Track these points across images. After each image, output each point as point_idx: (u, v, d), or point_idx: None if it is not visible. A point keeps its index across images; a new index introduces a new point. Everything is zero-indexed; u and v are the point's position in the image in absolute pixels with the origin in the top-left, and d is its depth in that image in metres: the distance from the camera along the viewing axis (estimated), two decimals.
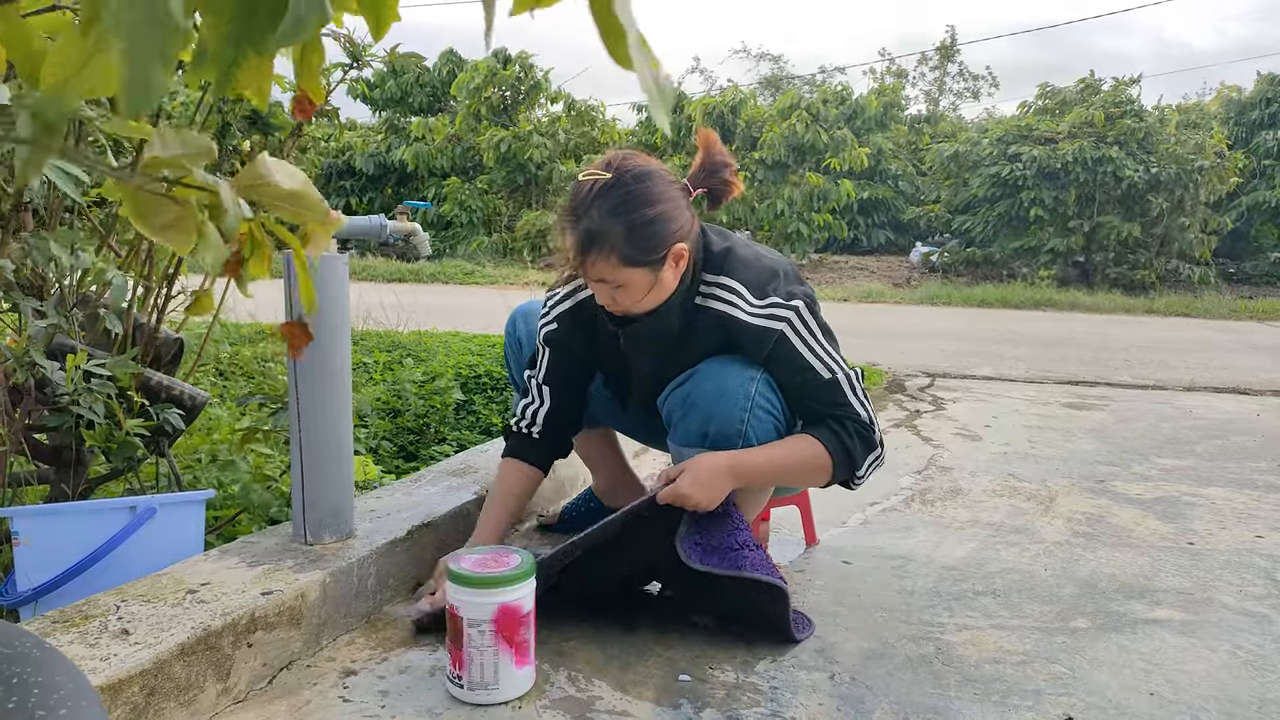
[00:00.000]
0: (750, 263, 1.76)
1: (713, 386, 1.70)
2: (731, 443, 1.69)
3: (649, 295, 1.69)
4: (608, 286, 1.67)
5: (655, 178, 1.66)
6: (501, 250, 16.15)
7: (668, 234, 1.63)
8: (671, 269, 1.67)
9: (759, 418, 1.70)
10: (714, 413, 1.69)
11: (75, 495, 1.92)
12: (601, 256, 1.62)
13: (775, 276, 1.74)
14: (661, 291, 1.70)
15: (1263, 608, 1.89)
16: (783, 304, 1.70)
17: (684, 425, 1.74)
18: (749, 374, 1.71)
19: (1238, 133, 16.23)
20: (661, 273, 1.66)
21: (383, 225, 2.00)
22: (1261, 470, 3.13)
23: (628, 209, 1.60)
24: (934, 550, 2.20)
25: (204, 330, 2.64)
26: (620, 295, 1.68)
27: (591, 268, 1.65)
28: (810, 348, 1.71)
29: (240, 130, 2.12)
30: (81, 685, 0.67)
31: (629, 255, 1.61)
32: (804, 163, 15.88)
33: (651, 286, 1.67)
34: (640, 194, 1.62)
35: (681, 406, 1.74)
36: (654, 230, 1.62)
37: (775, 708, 1.42)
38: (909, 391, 4.68)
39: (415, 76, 18.30)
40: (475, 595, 1.38)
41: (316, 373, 1.66)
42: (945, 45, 28.75)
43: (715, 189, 1.77)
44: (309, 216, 0.66)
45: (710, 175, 1.77)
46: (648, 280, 1.66)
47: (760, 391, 1.70)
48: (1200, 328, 9.51)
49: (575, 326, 1.90)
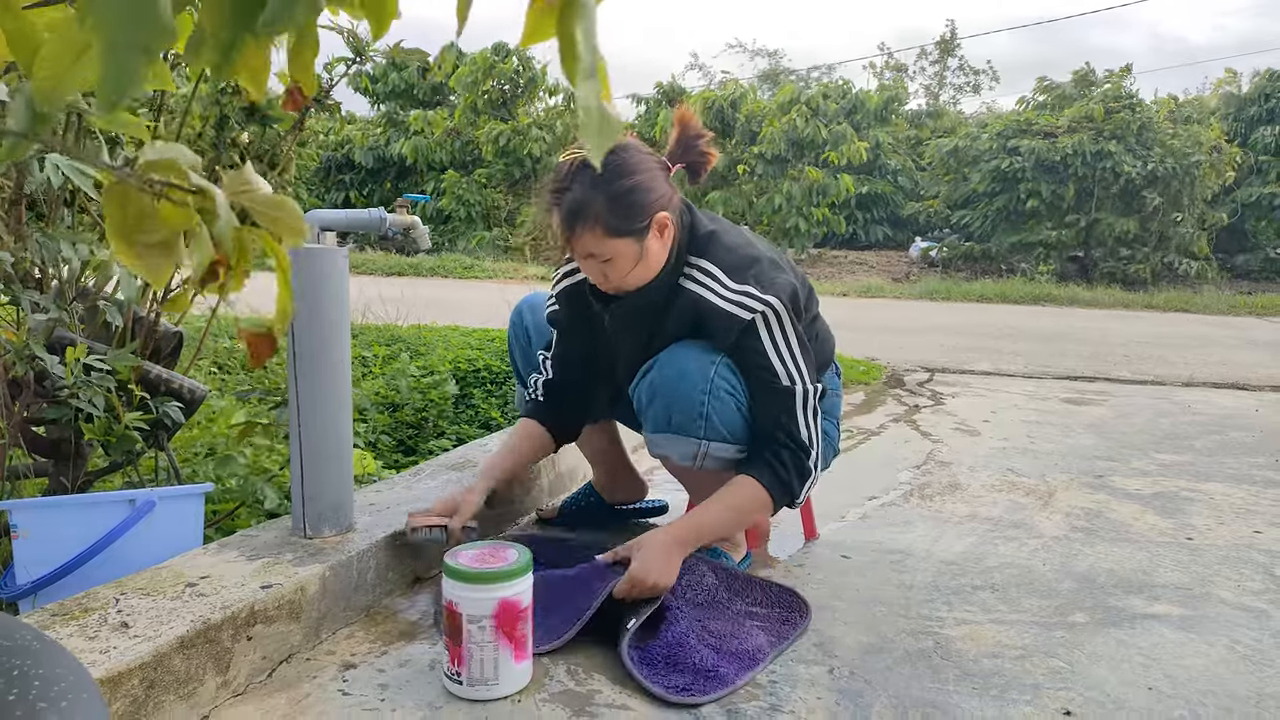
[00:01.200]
0: (733, 248, 1.78)
1: (673, 372, 1.72)
2: (695, 425, 1.70)
3: (637, 268, 1.72)
4: (596, 261, 1.71)
5: (630, 149, 1.70)
6: (501, 245, 16.14)
7: (648, 202, 1.67)
8: (657, 239, 1.71)
9: (720, 399, 1.71)
10: (675, 397, 1.71)
11: (74, 488, 1.92)
12: (587, 229, 1.66)
13: (756, 263, 1.75)
14: (649, 264, 1.73)
15: (1261, 603, 1.89)
16: (758, 295, 1.70)
17: (650, 412, 1.76)
18: (709, 358, 1.72)
19: (1236, 128, 16.23)
20: (647, 243, 1.70)
21: (382, 219, 2.00)
22: (1260, 465, 3.13)
23: (607, 180, 1.64)
24: (933, 545, 2.20)
25: (203, 324, 2.64)
26: (609, 269, 1.71)
27: (579, 242, 1.68)
28: (776, 347, 1.72)
29: (238, 122, 2.11)
30: (82, 677, 0.67)
31: (613, 225, 1.65)
32: (803, 157, 15.88)
33: (638, 259, 1.70)
34: (618, 165, 1.66)
35: (647, 394, 1.76)
36: (634, 199, 1.66)
37: (774, 701, 1.42)
38: (908, 386, 4.68)
39: (420, 70, 18.27)
40: (475, 591, 1.38)
41: (316, 367, 1.66)
42: (945, 40, 28.74)
43: (693, 162, 1.81)
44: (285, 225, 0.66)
45: (687, 150, 1.80)
46: (634, 251, 1.69)
47: (720, 374, 1.71)
48: (1199, 323, 9.51)
49: (573, 306, 1.94)
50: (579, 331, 1.96)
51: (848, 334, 2.13)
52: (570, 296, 1.94)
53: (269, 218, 0.66)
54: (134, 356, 1.86)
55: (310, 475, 1.69)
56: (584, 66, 0.50)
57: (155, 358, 2.09)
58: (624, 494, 2.29)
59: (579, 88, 0.50)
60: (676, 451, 1.76)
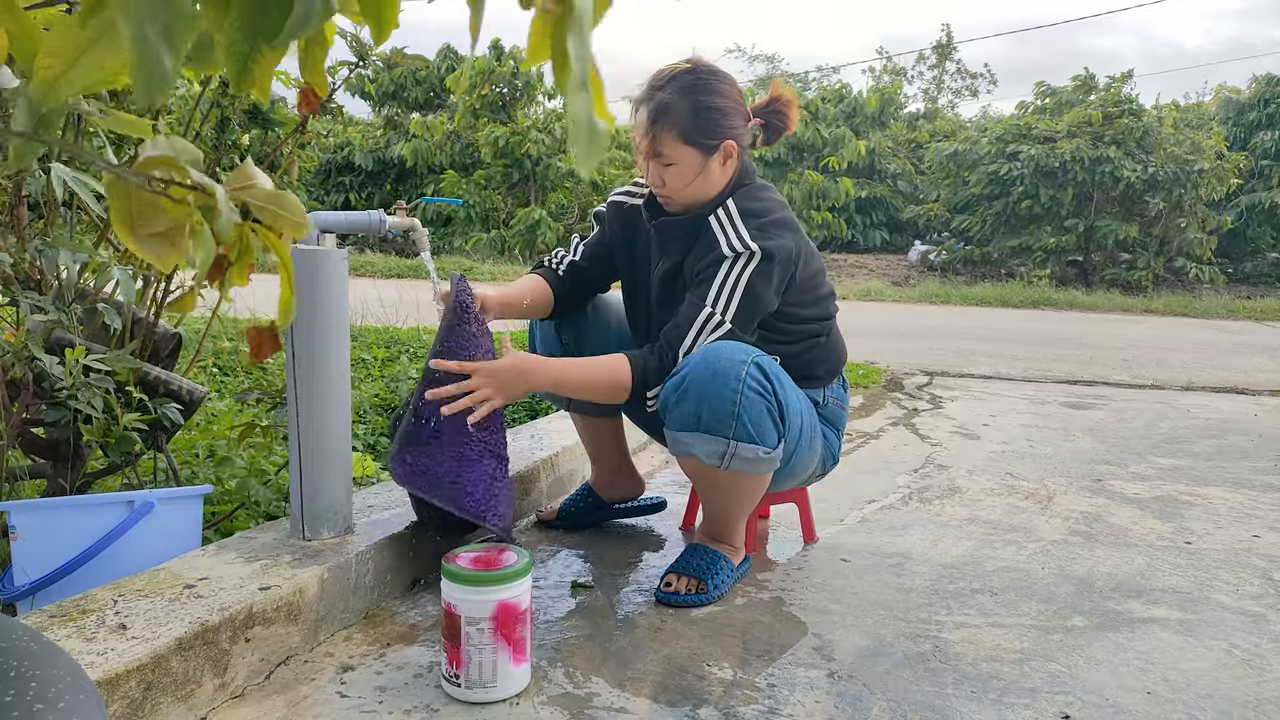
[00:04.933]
0: (761, 198, 1.88)
1: (706, 371, 1.71)
2: (725, 425, 1.70)
3: (695, 183, 1.85)
4: (661, 164, 1.83)
5: (727, 79, 1.87)
6: (499, 247, 16.13)
7: (725, 125, 1.83)
8: (720, 164, 1.85)
9: (751, 400, 1.71)
10: (706, 395, 1.70)
11: (72, 490, 1.91)
12: (665, 128, 1.80)
13: (767, 214, 1.85)
14: (706, 183, 1.86)
15: (1259, 607, 1.89)
16: (748, 242, 1.79)
17: (679, 410, 1.75)
18: (740, 357, 1.72)
19: (1236, 133, 16.24)
20: (710, 163, 1.83)
21: (381, 221, 1.99)
22: (1259, 470, 3.13)
23: (696, 92, 1.81)
24: (932, 548, 2.20)
25: (202, 325, 2.64)
26: (670, 175, 1.84)
27: (654, 139, 1.81)
28: (725, 280, 1.79)
29: (239, 125, 2.11)
30: (79, 679, 0.67)
31: (688, 133, 1.80)
32: (803, 161, 15.88)
33: (698, 173, 1.84)
34: (711, 84, 1.83)
35: (676, 392, 1.75)
36: (714, 117, 1.81)
37: (773, 705, 1.42)
38: (907, 390, 4.68)
39: (412, 73, 18.28)
40: (474, 593, 1.38)
41: (315, 368, 1.66)
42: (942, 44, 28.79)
43: (772, 122, 1.96)
44: (287, 221, 0.66)
45: (771, 112, 1.95)
46: (697, 164, 1.83)
47: (751, 373, 1.71)
48: (1198, 328, 9.52)
49: (618, 218, 2.08)
50: (611, 239, 2.08)
51: (847, 337, 2.13)
52: (620, 209, 2.07)
53: (270, 213, 0.66)
54: (133, 358, 1.86)
55: (309, 477, 1.68)
56: (575, 78, 0.50)
57: (154, 359, 2.09)
58: (621, 491, 2.29)
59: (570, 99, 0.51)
60: (703, 450, 1.74)
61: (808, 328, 1.95)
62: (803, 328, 1.94)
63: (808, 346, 1.96)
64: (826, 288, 1.99)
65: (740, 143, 1.86)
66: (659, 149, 1.82)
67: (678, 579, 1.83)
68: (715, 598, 1.83)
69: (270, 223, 0.66)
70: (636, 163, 1.91)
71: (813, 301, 1.94)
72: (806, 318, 1.93)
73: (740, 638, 1.67)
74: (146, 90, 0.43)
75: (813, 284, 1.93)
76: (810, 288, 1.92)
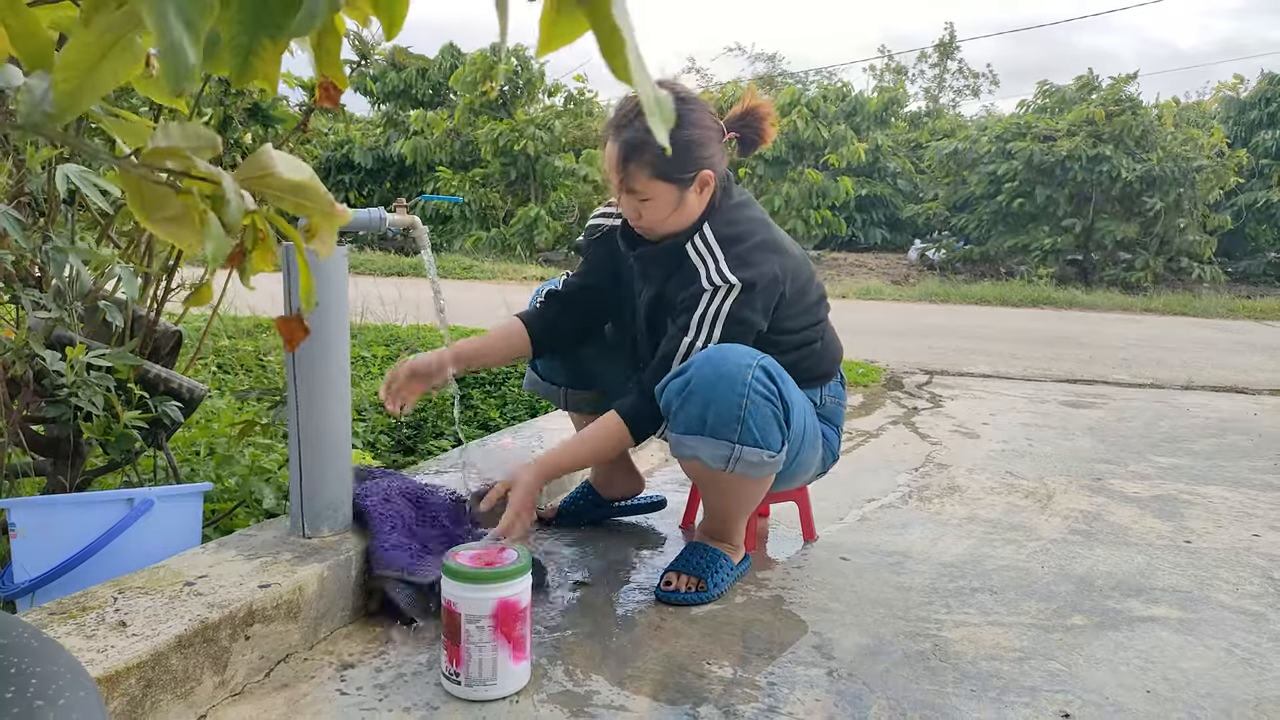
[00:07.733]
0: (737, 221, 1.86)
1: (711, 373, 1.70)
2: (730, 428, 1.69)
3: (671, 216, 1.82)
4: (636, 199, 1.81)
5: (698, 105, 1.82)
6: (499, 245, 16.12)
7: (700, 156, 1.80)
8: (696, 195, 1.82)
9: (757, 403, 1.70)
10: (712, 398, 1.70)
11: (72, 487, 1.91)
12: (638, 167, 1.77)
13: (748, 238, 1.83)
14: (683, 215, 1.83)
15: (1259, 606, 1.89)
16: (727, 275, 1.78)
17: (683, 413, 1.73)
18: (746, 360, 1.71)
19: (1237, 132, 16.24)
20: (687, 195, 1.81)
21: (382, 218, 1.99)
22: (1259, 469, 3.13)
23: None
24: (931, 547, 2.20)
25: (203, 323, 2.64)
26: (646, 210, 1.82)
27: (627, 176, 1.78)
28: (706, 312, 1.79)
29: (241, 123, 2.11)
30: (79, 676, 0.67)
31: (661, 169, 1.77)
32: (803, 159, 15.87)
33: (675, 207, 1.81)
34: (681, 116, 1.74)
35: (680, 394, 1.73)
36: (688, 151, 1.78)
37: (772, 703, 1.42)
38: (907, 388, 4.68)
39: (419, 71, 18.27)
40: (474, 591, 1.38)
41: (315, 367, 1.66)
42: (944, 42, 28.79)
43: (747, 135, 1.92)
44: (314, 210, 0.65)
45: (746, 124, 1.92)
46: (673, 198, 1.80)
47: (757, 376, 1.70)
48: (1198, 327, 9.51)
49: (598, 243, 2.06)
50: (597, 268, 2.07)
51: (847, 336, 2.13)
52: (599, 234, 2.06)
53: (294, 202, 0.65)
54: (133, 355, 1.86)
55: (309, 475, 1.68)
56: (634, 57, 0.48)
57: (154, 357, 2.09)
58: (621, 490, 2.29)
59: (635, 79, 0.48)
60: (708, 454, 1.72)
61: (801, 336, 1.93)
62: (795, 337, 1.92)
63: (804, 355, 1.94)
64: (816, 293, 1.97)
65: (716, 170, 1.84)
66: (632, 186, 1.79)
67: (678, 577, 1.83)
68: (715, 596, 1.83)
69: (297, 211, 0.66)
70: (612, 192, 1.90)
71: (802, 312, 1.92)
72: (798, 328, 1.92)
73: (740, 636, 1.67)
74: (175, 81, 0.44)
75: (802, 294, 1.91)
76: (799, 299, 1.90)
